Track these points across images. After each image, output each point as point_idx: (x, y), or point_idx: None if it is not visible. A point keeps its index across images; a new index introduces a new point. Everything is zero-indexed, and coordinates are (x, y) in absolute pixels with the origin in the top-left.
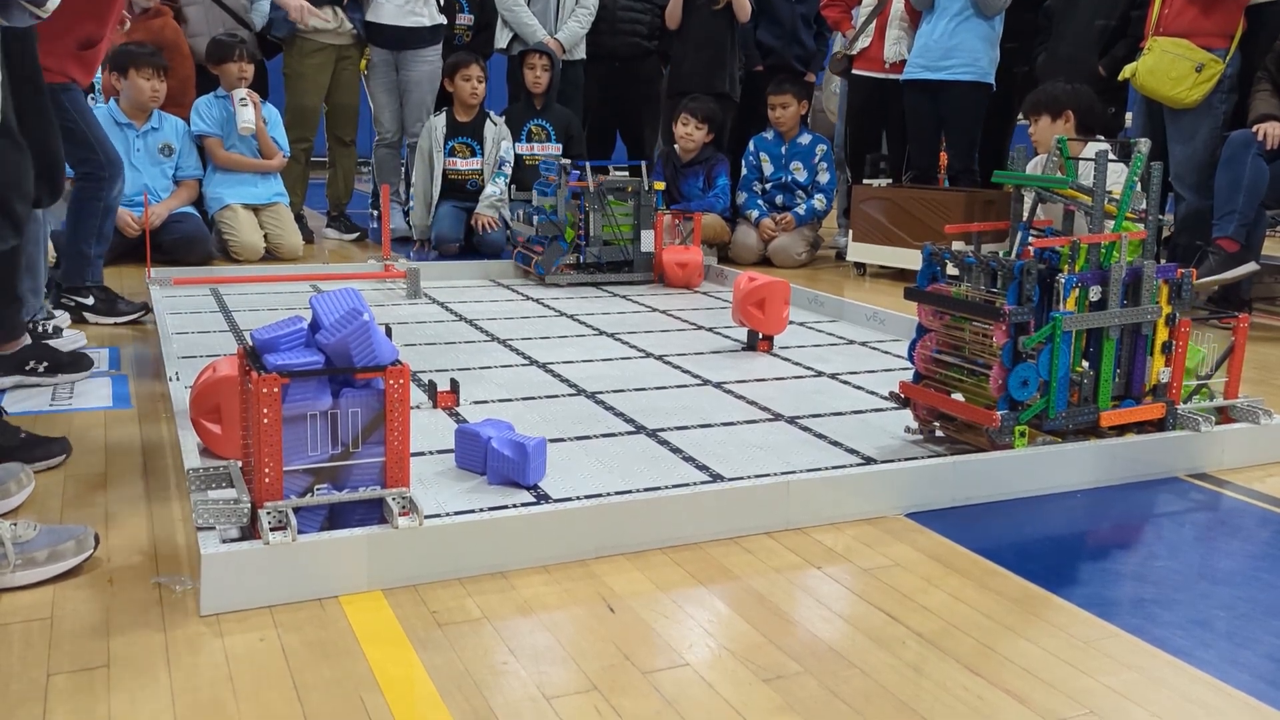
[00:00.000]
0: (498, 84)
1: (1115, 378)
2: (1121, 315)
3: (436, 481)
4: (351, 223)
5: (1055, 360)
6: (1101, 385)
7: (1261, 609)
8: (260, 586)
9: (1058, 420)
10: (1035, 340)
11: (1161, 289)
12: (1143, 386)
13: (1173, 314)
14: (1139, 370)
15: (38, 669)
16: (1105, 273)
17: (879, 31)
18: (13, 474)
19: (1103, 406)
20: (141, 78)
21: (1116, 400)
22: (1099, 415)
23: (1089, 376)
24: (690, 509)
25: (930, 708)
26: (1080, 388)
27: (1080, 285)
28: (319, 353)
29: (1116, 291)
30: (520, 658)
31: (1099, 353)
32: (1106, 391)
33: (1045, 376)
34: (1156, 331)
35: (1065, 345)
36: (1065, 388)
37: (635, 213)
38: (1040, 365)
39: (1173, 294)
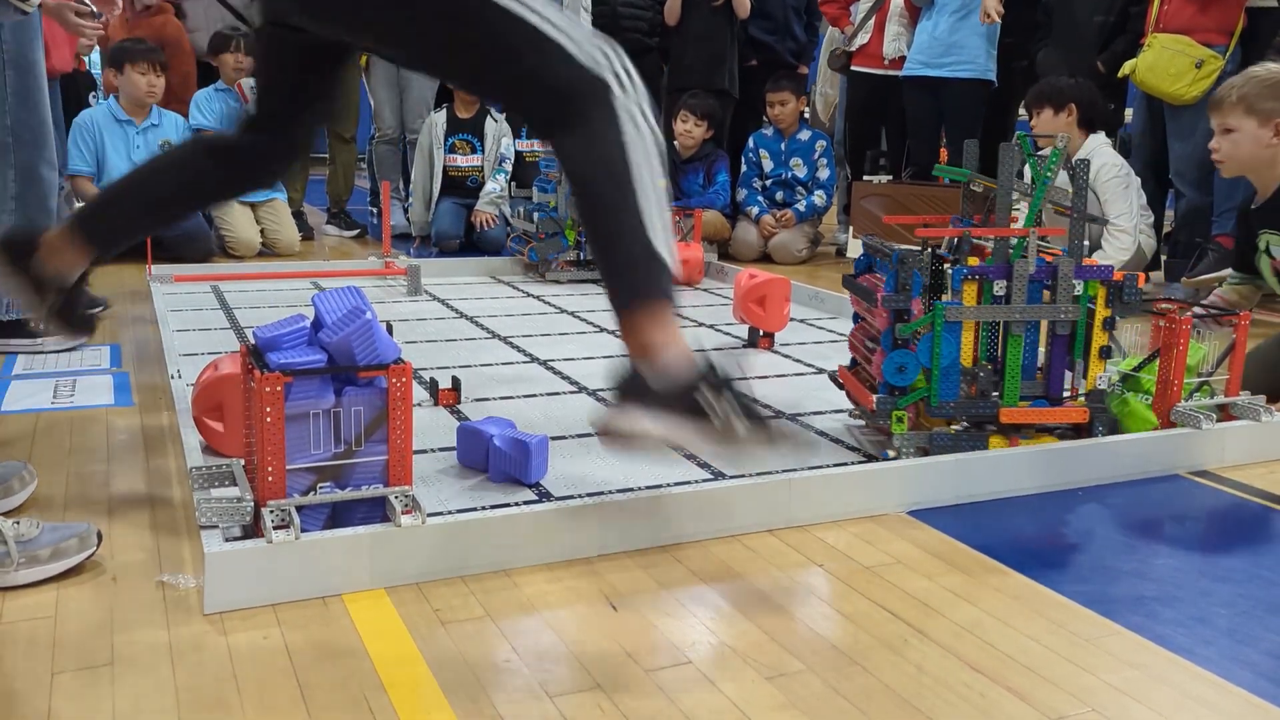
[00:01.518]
0: None
1: (1035, 376)
2: (1024, 311)
3: (439, 479)
4: (351, 219)
5: (937, 348)
6: (1008, 381)
7: (1263, 606)
8: (263, 585)
9: (944, 409)
10: (911, 328)
11: (1099, 291)
12: (1064, 389)
13: (1111, 318)
14: (1057, 371)
15: (41, 667)
16: (1009, 267)
17: (878, 28)
18: (14, 472)
19: (1009, 403)
20: (137, 73)
21: (1029, 399)
22: (999, 410)
23: (986, 370)
24: (692, 507)
25: (932, 705)
26: (978, 380)
27: (977, 278)
28: (321, 351)
29: (1023, 287)
30: (523, 656)
31: (1005, 348)
32: (1014, 388)
33: (926, 364)
34: (1093, 335)
35: (950, 335)
36: (955, 378)
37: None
38: (921, 353)
39: (1111, 297)
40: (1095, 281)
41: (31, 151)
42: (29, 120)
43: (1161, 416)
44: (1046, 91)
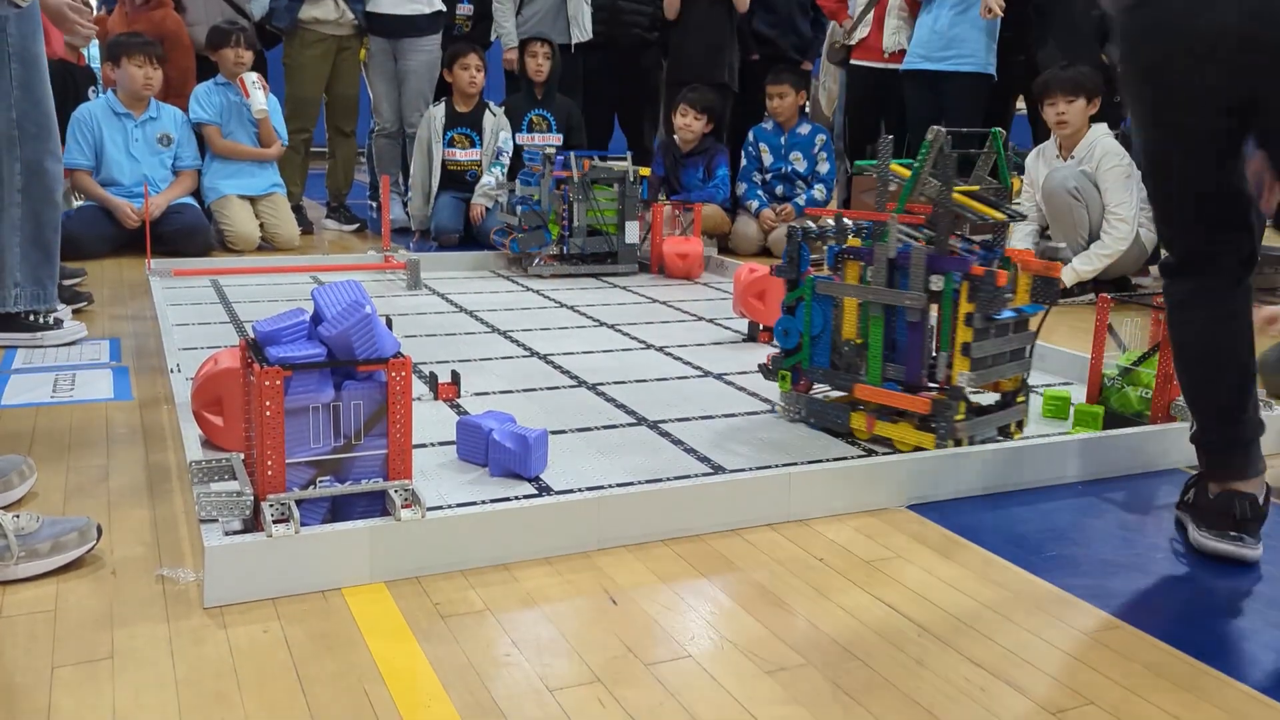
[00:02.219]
0: (497, 73)
1: (900, 360)
2: (876, 293)
3: (438, 473)
4: (351, 214)
5: (808, 317)
6: (870, 360)
7: (1263, 600)
8: (263, 578)
9: (814, 374)
10: (791, 297)
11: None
12: (919, 377)
13: (972, 314)
14: (912, 359)
15: (42, 661)
16: (870, 251)
17: (877, 21)
18: (15, 465)
19: (870, 381)
20: (134, 65)
21: (888, 380)
22: (853, 385)
23: (851, 346)
24: (692, 501)
25: (932, 699)
26: (843, 355)
27: (849, 257)
28: (321, 345)
29: (881, 270)
30: (523, 649)
31: (867, 328)
32: (875, 368)
33: (802, 330)
34: (957, 330)
35: (820, 306)
36: (825, 347)
37: (620, 201)
38: (799, 320)
39: (972, 293)
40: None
41: (37, 144)
42: (33, 113)
43: (1161, 411)
44: (1082, 83)
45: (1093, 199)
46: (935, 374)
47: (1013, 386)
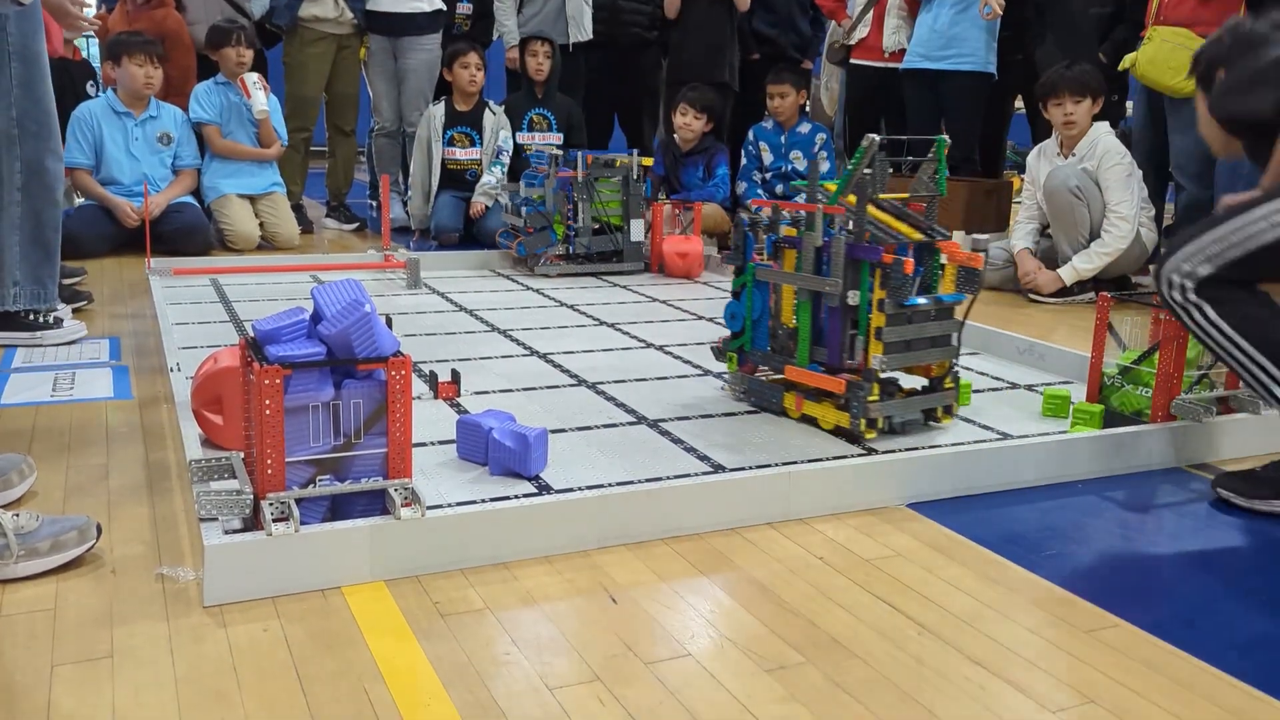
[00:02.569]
0: (497, 72)
1: (821, 342)
2: (801, 280)
3: (438, 472)
4: (351, 213)
5: (749, 302)
6: (800, 343)
7: (1263, 599)
8: (263, 577)
9: (755, 356)
10: (737, 283)
11: (874, 272)
12: (841, 358)
13: (882, 300)
14: (833, 342)
15: (42, 660)
16: (796, 240)
17: (877, 21)
18: (14, 464)
19: (799, 363)
20: (134, 64)
21: (813, 363)
22: (784, 367)
23: (785, 330)
24: (692, 499)
25: (932, 698)
26: (779, 338)
27: (786, 246)
28: (321, 344)
29: (809, 259)
30: (523, 648)
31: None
32: (804, 350)
33: (744, 314)
34: (871, 316)
35: (759, 291)
36: (765, 331)
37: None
38: (742, 303)
39: (884, 280)
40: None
41: (37, 143)
42: (34, 111)
43: (1161, 410)
44: (1089, 83)
45: (1094, 197)
46: (853, 356)
47: (940, 372)
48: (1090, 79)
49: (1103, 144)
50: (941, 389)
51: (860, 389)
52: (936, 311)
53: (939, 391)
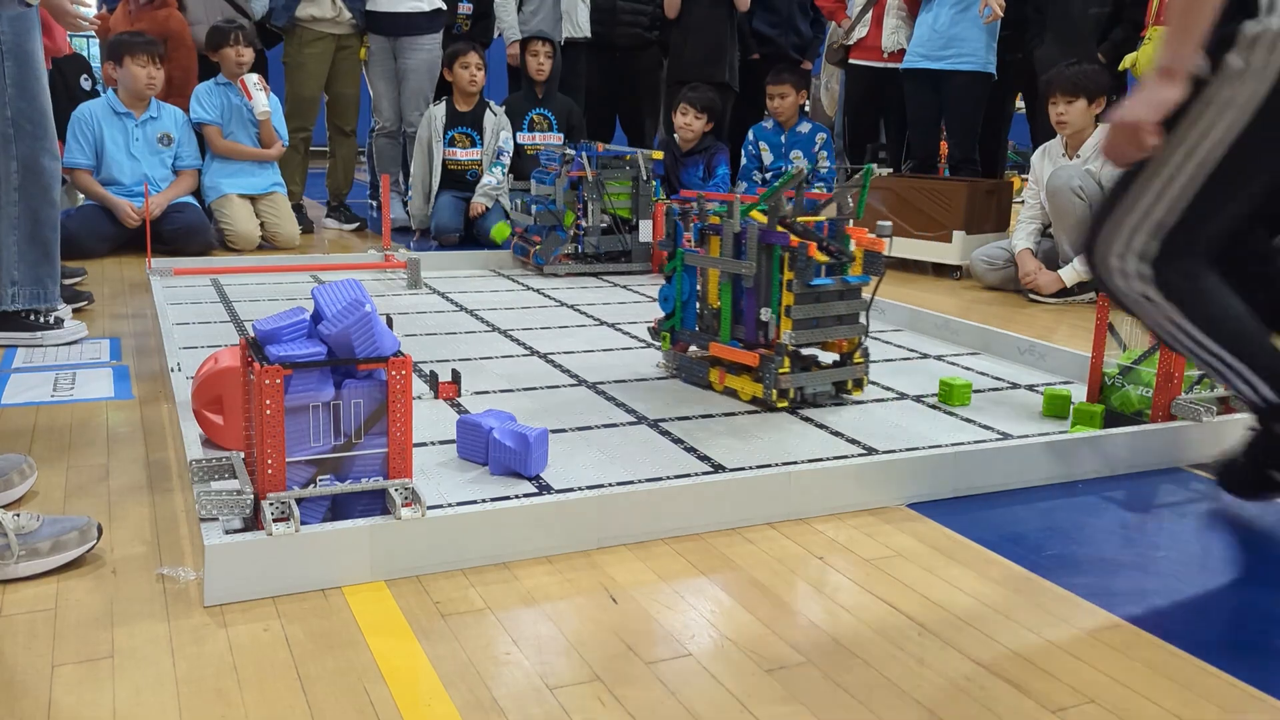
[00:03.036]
0: (498, 72)
1: (744, 321)
2: (722, 264)
3: (438, 472)
4: (351, 213)
5: (678, 284)
6: (722, 322)
7: (1263, 598)
8: (263, 577)
9: (685, 335)
10: (669, 268)
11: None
12: (756, 335)
13: (791, 281)
14: (749, 319)
15: (42, 660)
16: (719, 227)
17: (876, 21)
18: (15, 465)
19: (722, 340)
20: (137, 65)
21: (733, 339)
22: (710, 344)
23: (710, 310)
24: (692, 499)
25: (932, 698)
26: (705, 318)
27: (711, 233)
28: (321, 344)
29: (729, 244)
30: (523, 648)
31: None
32: (726, 327)
33: (675, 296)
34: (782, 294)
35: (687, 275)
36: (693, 311)
37: (634, 199)
38: (673, 286)
39: (791, 263)
40: (776, 247)
41: (32, 142)
42: (29, 111)
43: (1161, 409)
44: (1083, 83)
45: (1096, 198)
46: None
47: (850, 348)
48: (1086, 79)
49: None
50: (851, 363)
51: (772, 362)
52: (843, 292)
53: (848, 365)
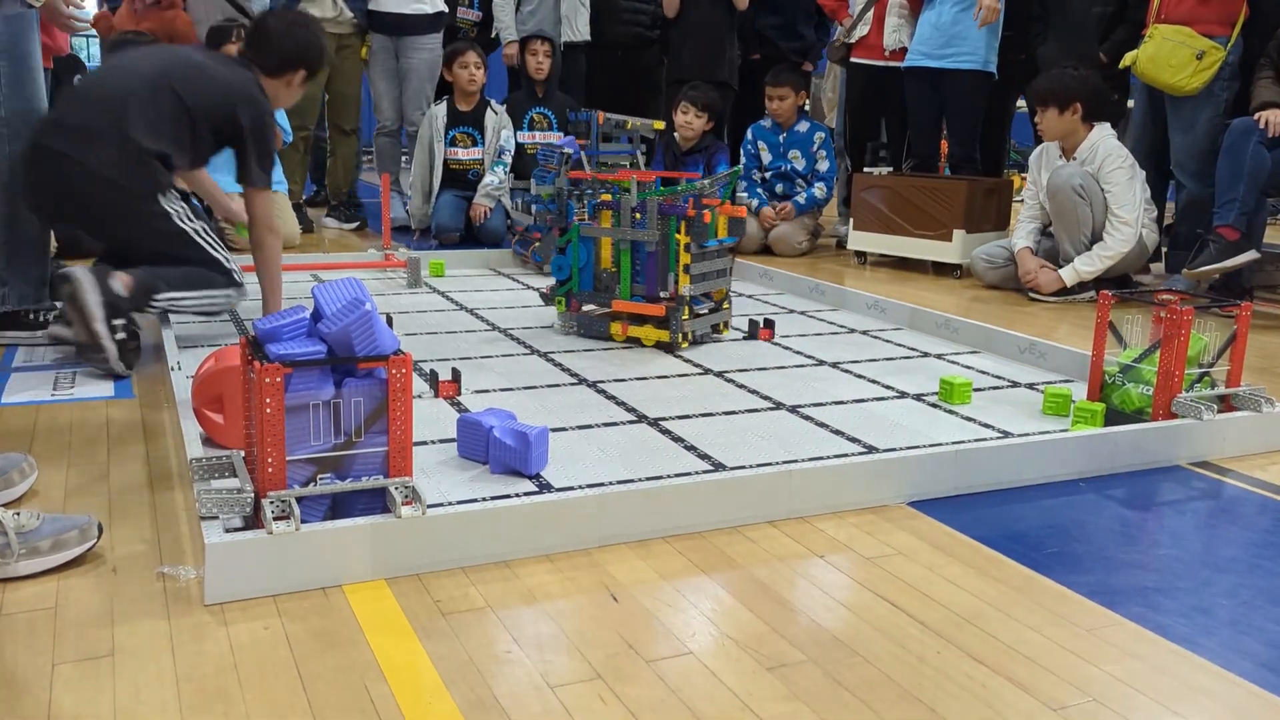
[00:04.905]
0: (499, 72)
1: (642, 281)
2: (623, 233)
3: (439, 471)
4: (351, 212)
5: (575, 254)
6: (622, 281)
7: (1264, 597)
8: (264, 576)
9: (582, 297)
10: (562, 241)
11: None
12: (660, 292)
13: (689, 244)
14: (651, 279)
15: (43, 658)
16: (619, 202)
17: (877, 19)
18: (15, 463)
19: (622, 297)
20: None
21: (639, 297)
22: (612, 301)
23: (608, 273)
24: (693, 498)
25: (934, 696)
26: (602, 279)
27: (603, 208)
28: (321, 342)
29: (626, 217)
30: (524, 646)
31: (619, 258)
32: (625, 287)
33: (572, 264)
34: (679, 256)
35: (583, 245)
36: (590, 276)
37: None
38: (568, 257)
39: (688, 229)
40: (673, 217)
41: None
42: (24, 111)
43: (1163, 408)
44: (1050, 91)
45: (1096, 197)
46: (667, 287)
47: (720, 296)
48: (1056, 87)
49: (1103, 147)
50: (721, 309)
51: (678, 311)
52: (719, 252)
53: (720, 311)
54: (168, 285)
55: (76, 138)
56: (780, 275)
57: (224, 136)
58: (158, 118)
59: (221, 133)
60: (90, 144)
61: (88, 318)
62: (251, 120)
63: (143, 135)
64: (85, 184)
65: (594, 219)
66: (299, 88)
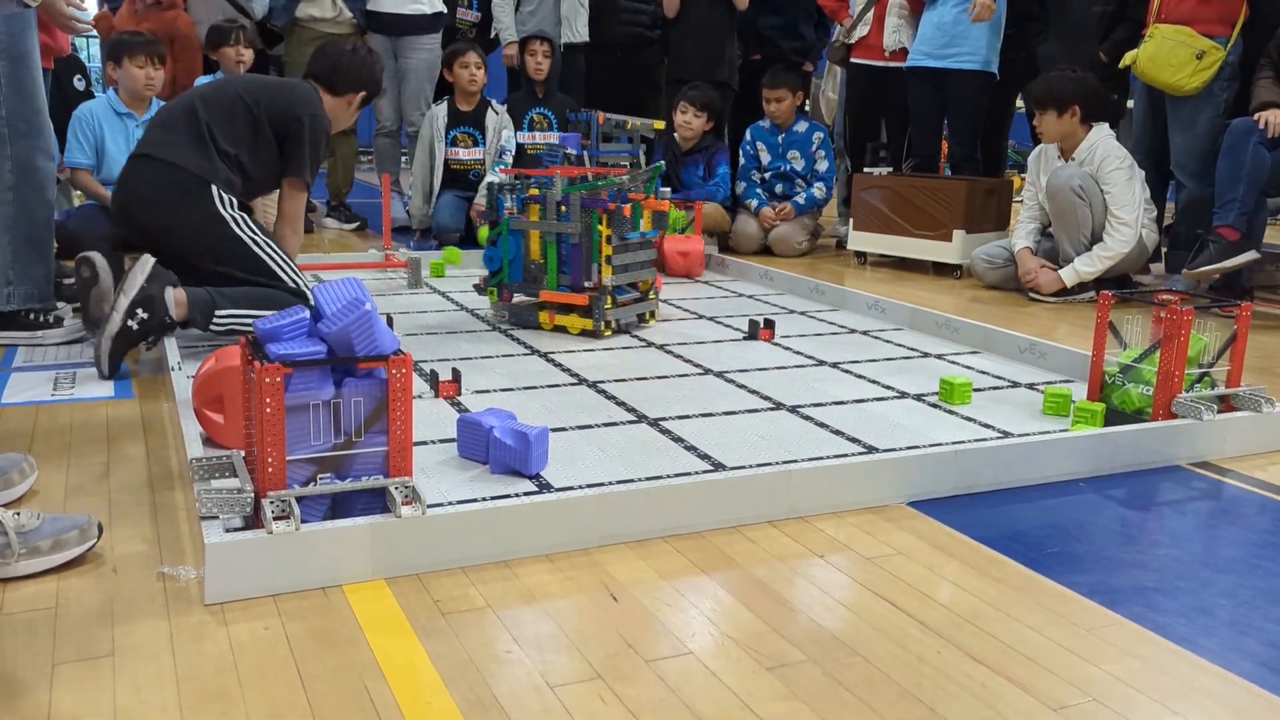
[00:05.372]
0: (499, 73)
1: (568, 271)
2: (549, 225)
3: (439, 471)
4: (352, 212)
5: (505, 246)
6: (549, 273)
7: (1264, 597)
8: (264, 575)
9: (513, 288)
10: (493, 234)
11: (601, 216)
12: (581, 281)
13: (610, 235)
14: (575, 269)
15: (43, 658)
16: (537, 197)
17: (877, 20)
18: (15, 463)
19: (548, 287)
20: (135, 66)
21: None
22: (540, 291)
23: (538, 264)
24: (692, 498)
25: (934, 696)
26: (531, 271)
27: (532, 202)
28: (321, 342)
29: (551, 211)
30: (524, 646)
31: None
32: (552, 277)
33: (503, 256)
34: (601, 248)
35: (513, 238)
36: (520, 267)
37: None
38: (499, 249)
39: (610, 222)
40: (597, 210)
41: (27, 142)
42: (23, 110)
43: (1163, 408)
44: (1049, 94)
45: (1096, 197)
46: (590, 277)
47: (646, 287)
48: (1056, 88)
49: (1102, 148)
50: (647, 299)
51: (600, 300)
52: (643, 243)
53: (646, 300)
54: (232, 303)
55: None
56: (780, 275)
57: (284, 137)
58: (227, 119)
59: (283, 135)
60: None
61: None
62: (311, 120)
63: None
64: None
65: (522, 213)
66: (356, 110)
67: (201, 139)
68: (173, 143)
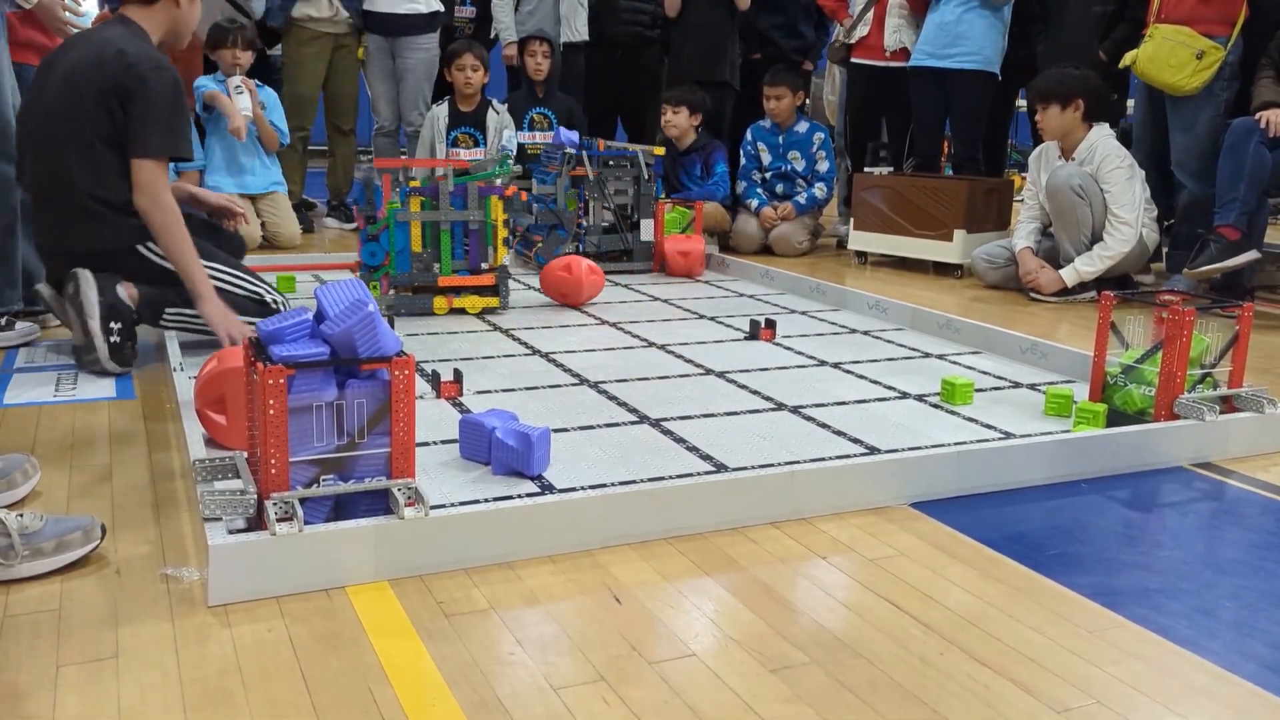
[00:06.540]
0: (498, 73)
1: (463, 256)
2: (447, 214)
3: (441, 472)
4: (351, 212)
5: (392, 238)
6: (443, 260)
7: (1267, 598)
8: (267, 577)
9: (401, 279)
10: (375, 229)
11: (496, 203)
12: (480, 263)
13: (508, 219)
14: (475, 253)
15: (46, 660)
16: (434, 188)
17: (878, 20)
18: (18, 464)
19: (444, 273)
20: None
21: (460, 271)
22: (437, 278)
23: (429, 253)
24: (695, 499)
25: (937, 697)
26: (422, 259)
27: (414, 194)
28: (324, 344)
29: (445, 201)
30: (527, 648)
31: (438, 238)
32: (447, 263)
33: (388, 248)
34: (497, 231)
35: (400, 230)
36: (407, 258)
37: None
38: (383, 243)
39: (506, 207)
40: (491, 197)
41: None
42: None
43: (1165, 408)
44: (1053, 88)
45: (1096, 197)
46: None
47: None
48: (1057, 84)
49: (1101, 148)
50: None
51: (505, 279)
52: None
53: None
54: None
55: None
56: (781, 275)
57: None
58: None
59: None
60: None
61: (85, 315)
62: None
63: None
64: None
65: (405, 205)
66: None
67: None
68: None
